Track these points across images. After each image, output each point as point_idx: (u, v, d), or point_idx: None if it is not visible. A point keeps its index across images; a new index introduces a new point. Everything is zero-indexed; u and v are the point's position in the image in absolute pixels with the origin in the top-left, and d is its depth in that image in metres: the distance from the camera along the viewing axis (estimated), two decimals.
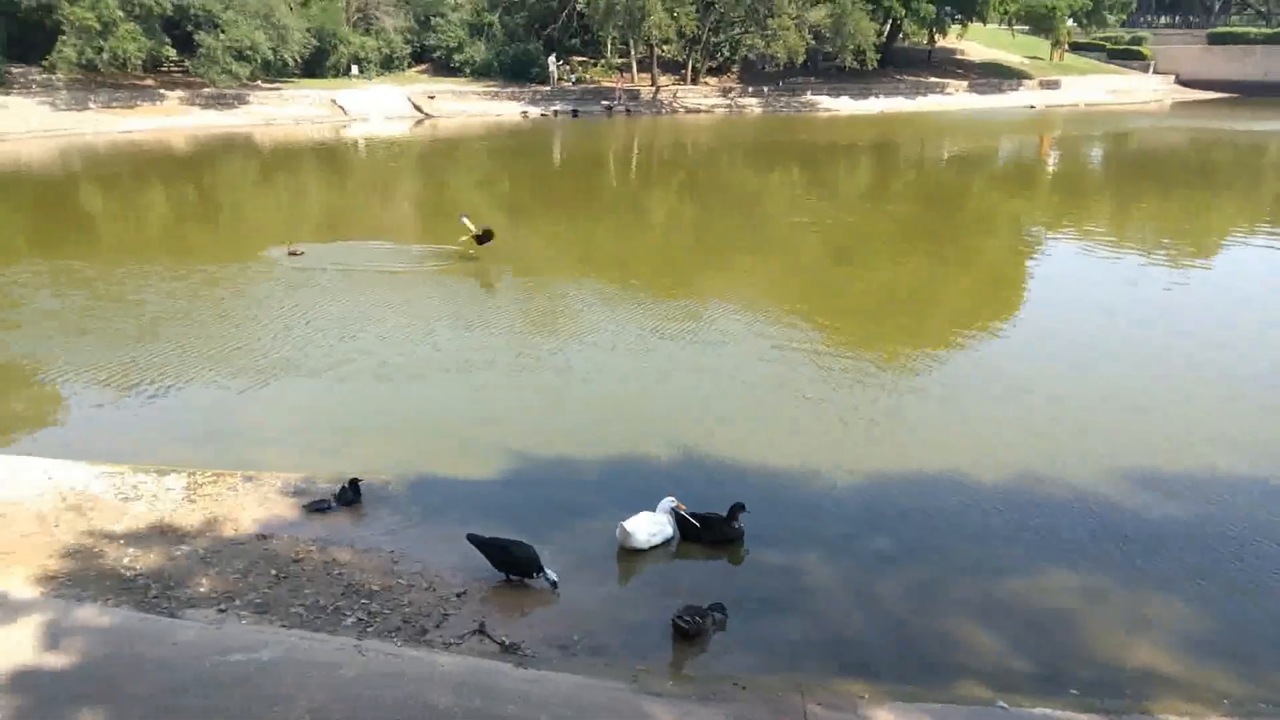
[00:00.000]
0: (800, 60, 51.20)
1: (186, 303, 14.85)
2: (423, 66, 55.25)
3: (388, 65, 53.28)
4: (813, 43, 51.18)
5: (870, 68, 52.71)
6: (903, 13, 54.69)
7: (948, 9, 57.82)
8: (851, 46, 50.76)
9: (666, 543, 7.66)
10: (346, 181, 31.08)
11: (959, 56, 67.12)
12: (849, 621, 6.84)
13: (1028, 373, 12.03)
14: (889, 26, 58.56)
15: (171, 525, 7.59)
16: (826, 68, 56.70)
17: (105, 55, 39.56)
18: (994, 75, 63.66)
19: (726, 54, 56.50)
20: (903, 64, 62.01)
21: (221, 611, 6.39)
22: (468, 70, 52.66)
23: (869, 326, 14.38)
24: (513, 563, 7.04)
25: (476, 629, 6.50)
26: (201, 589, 6.71)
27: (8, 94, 40.17)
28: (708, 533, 7.66)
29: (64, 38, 38.90)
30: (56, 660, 5.35)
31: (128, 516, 7.68)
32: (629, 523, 7.46)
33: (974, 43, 67.93)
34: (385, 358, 12.27)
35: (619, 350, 12.83)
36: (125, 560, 6.99)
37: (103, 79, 41.73)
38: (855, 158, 37.26)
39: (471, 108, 48.01)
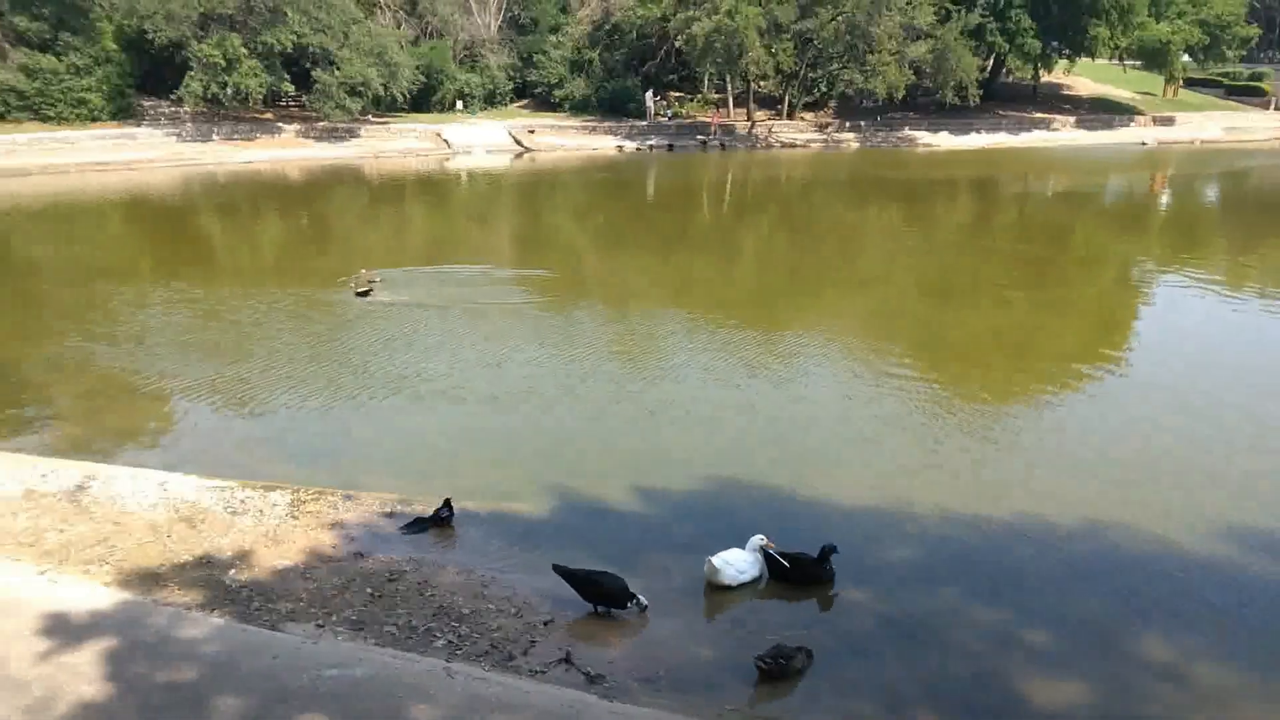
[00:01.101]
0: (900, 96, 50.58)
1: (291, 325, 15.49)
2: (524, 102, 56.74)
3: (491, 100, 54.91)
4: (913, 78, 50.52)
5: (972, 103, 51.70)
6: (1007, 48, 53.53)
7: (1054, 44, 56.35)
8: (953, 82, 49.90)
9: (755, 581, 7.55)
10: (447, 211, 32.04)
11: (1066, 92, 65.23)
12: (937, 669, 6.63)
13: (1131, 422, 11.51)
14: (992, 62, 57.41)
15: (275, 540, 7.87)
16: (926, 103, 55.86)
17: (229, 90, 41.91)
18: (1103, 111, 61.61)
19: (823, 89, 56.25)
20: (1006, 99, 60.61)
21: (319, 627, 6.58)
22: (567, 105, 53.83)
23: (967, 367, 14.00)
24: (604, 594, 7.05)
25: (563, 658, 6.52)
26: (301, 603, 6.92)
27: (138, 125, 42.94)
28: (797, 573, 7.53)
29: (192, 73, 41.38)
30: (165, 665, 5.58)
31: (234, 530, 8.00)
32: (717, 558, 7.40)
33: (1083, 78, 65.94)
34: (479, 385, 12.52)
35: (709, 384, 12.79)
36: (231, 572, 7.28)
37: (225, 112, 44.19)
38: (955, 194, 36.50)
39: (569, 142, 48.97)
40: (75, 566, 7.17)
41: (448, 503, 8.47)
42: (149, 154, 39.99)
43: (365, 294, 16.87)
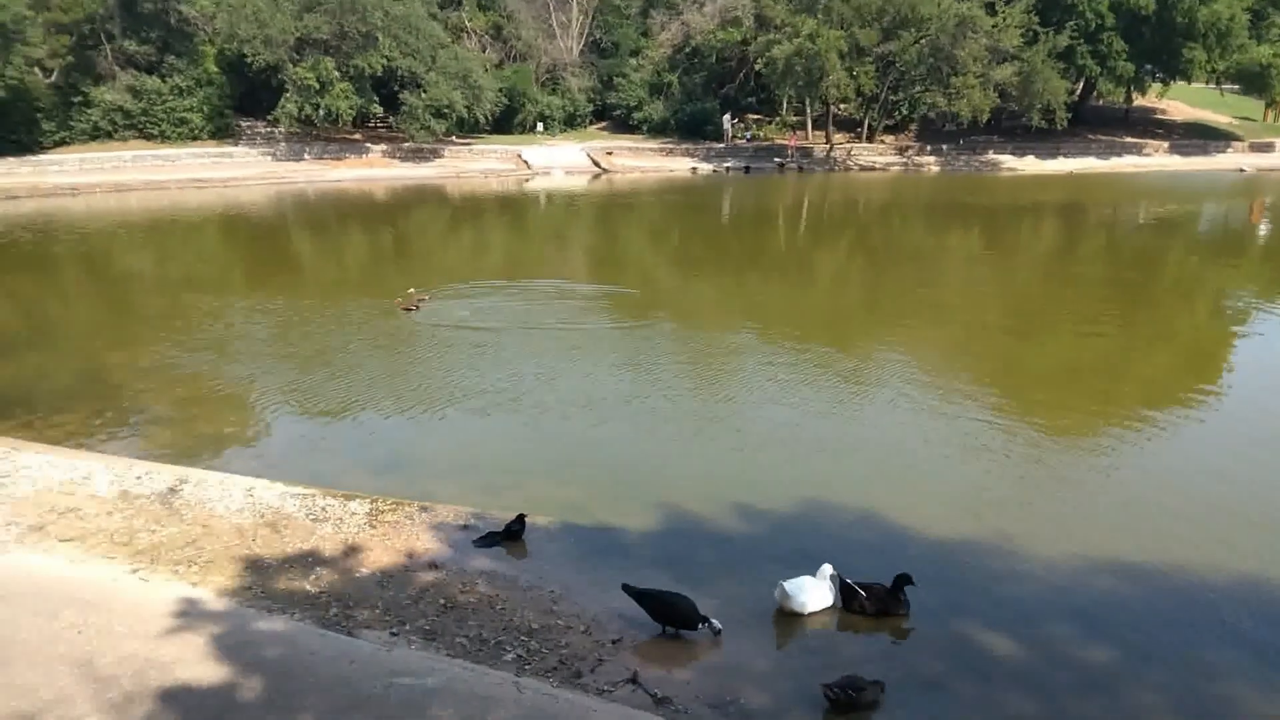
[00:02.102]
0: (984, 119, 49.65)
1: (368, 338, 15.89)
2: (603, 124, 57.49)
3: (570, 122, 55.80)
4: (998, 101, 49.55)
5: (1060, 127, 50.42)
6: (1098, 71, 52.06)
7: (1148, 67, 54.65)
8: (1040, 105, 48.77)
9: (827, 609, 7.43)
10: (524, 230, 32.56)
11: (1159, 116, 63.12)
12: (1014, 711, 6.40)
13: (1219, 461, 11.00)
14: (1082, 84, 55.97)
15: (353, 548, 8.06)
16: (1011, 126, 54.69)
17: (321, 111, 43.52)
18: (1198, 136, 59.37)
19: (905, 112, 55.60)
20: (1096, 123, 58.94)
21: (394, 635, 6.70)
22: (645, 128, 54.34)
23: (1049, 398, 13.56)
24: (674, 615, 7.02)
25: (630, 678, 6.50)
26: (376, 611, 7.07)
27: (235, 144, 44.89)
28: (871, 603, 7.38)
29: (287, 95, 43.10)
30: (246, 665, 5.75)
31: (315, 536, 8.22)
32: (790, 585, 7.30)
33: (1177, 102, 63.75)
34: (552, 401, 12.66)
35: (783, 408, 12.69)
36: (311, 577, 7.48)
37: (317, 133, 45.88)
38: (1040, 219, 35.56)
39: (646, 163, 49.37)
40: (166, 566, 7.46)
41: (521, 518, 8.56)
42: (244, 172, 41.73)
43: (410, 310, 17.28)
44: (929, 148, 54.33)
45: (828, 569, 7.46)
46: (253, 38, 41.70)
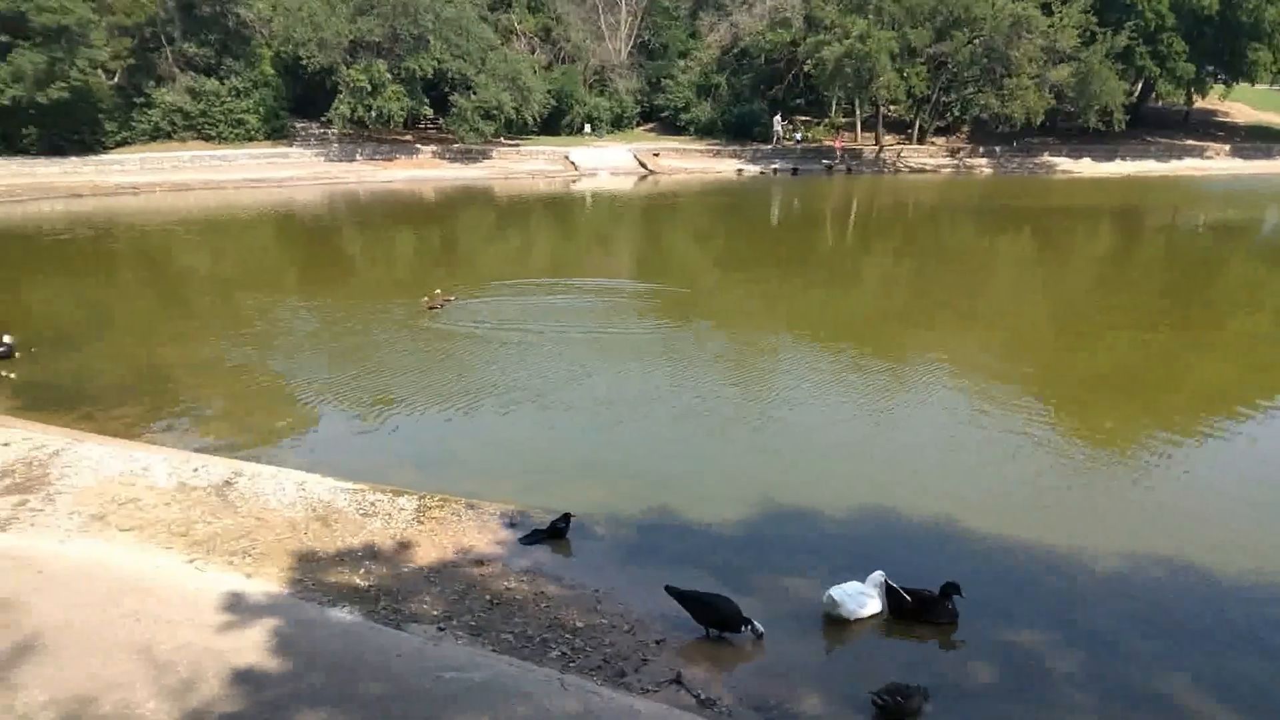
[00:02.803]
0: (1039, 120, 48.73)
1: (414, 336, 16.06)
2: (650, 125, 57.56)
3: (617, 124, 55.95)
4: (1053, 102, 48.60)
5: (1117, 129, 49.29)
6: (1157, 72, 50.78)
7: (1209, 68, 53.19)
8: (1097, 106, 47.73)
9: (874, 616, 7.35)
10: (569, 230, 32.72)
11: (1221, 119, 61.41)
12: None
13: (1277, 472, 10.67)
14: (1140, 86, 54.66)
15: (402, 543, 8.16)
16: (1067, 128, 53.62)
17: (373, 113, 44.19)
18: (1261, 139, 57.62)
19: (957, 113, 54.80)
20: (1154, 125, 57.52)
21: (440, 630, 6.78)
22: (692, 129, 54.28)
23: (1102, 405, 13.26)
24: (717, 617, 7.00)
25: (674, 679, 6.50)
26: (424, 606, 7.15)
27: (290, 145, 45.76)
28: (918, 609, 7.28)
29: (340, 96, 43.84)
30: (299, 656, 5.86)
31: (365, 531, 8.35)
32: (837, 591, 7.24)
33: (1240, 104, 61.96)
34: (594, 401, 12.71)
35: (828, 411, 12.59)
36: (361, 571, 7.59)
37: (369, 134, 46.59)
38: (1095, 223, 34.82)
39: (693, 165, 49.30)
40: (221, 557, 7.63)
41: (566, 516, 8.61)
42: (298, 172, 42.51)
43: (435, 309, 17.45)
44: (981, 150, 53.51)
45: (878, 576, 7.38)
46: (308, 40, 42.47)
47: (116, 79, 42.24)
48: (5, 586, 6.45)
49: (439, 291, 18.12)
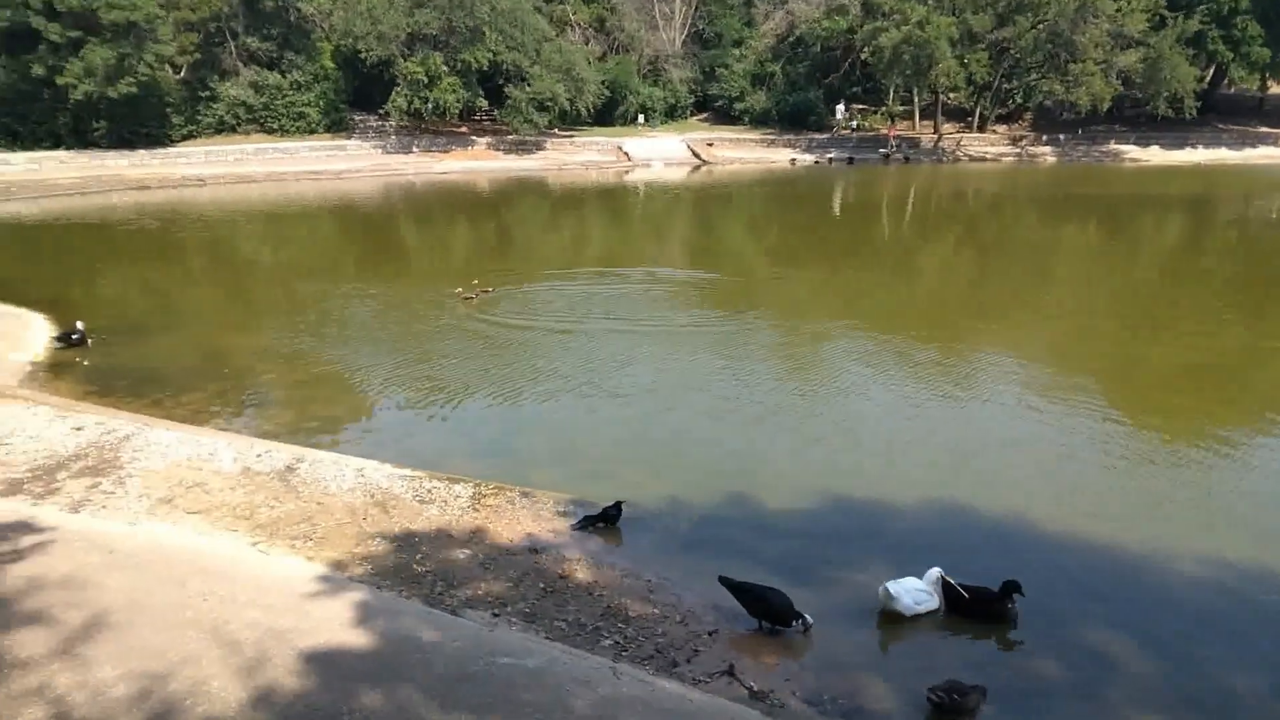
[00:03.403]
0: (1105, 107, 47.37)
1: (466, 325, 16.22)
2: (704, 115, 57.33)
3: (671, 114, 55.84)
4: (1120, 89, 47.21)
5: (1188, 116, 47.70)
6: (1230, 56, 48.97)
7: None
8: (1166, 93, 46.25)
9: (931, 614, 7.24)
10: (620, 221, 32.76)
11: None
12: None
13: None
14: (1212, 71, 52.80)
15: (458, 530, 8.27)
16: (1135, 115, 52.09)
17: (430, 105, 44.75)
18: None
19: (1019, 100, 53.56)
20: (1226, 112, 55.55)
21: (495, 616, 6.85)
22: (747, 118, 53.93)
23: (1169, 399, 12.87)
24: (769, 611, 6.97)
25: (726, 670, 6.48)
26: (479, 592, 7.24)
27: (349, 137, 46.59)
28: (977, 607, 7.15)
29: (398, 89, 44.49)
30: (358, 639, 5.97)
31: (421, 518, 8.47)
32: (894, 585, 7.14)
33: None
34: (645, 391, 12.72)
35: (883, 404, 12.42)
36: (418, 557, 7.71)
37: (425, 126, 47.20)
38: (1164, 212, 33.76)
39: (748, 154, 48.98)
40: (283, 540, 7.81)
41: (619, 505, 8.63)
42: (357, 164, 43.28)
43: (470, 300, 17.56)
44: (1045, 138, 52.28)
45: (935, 572, 7.26)
46: (366, 34, 43.15)
47: (183, 73, 43.41)
48: (80, 566, 6.68)
49: (476, 283, 18.30)
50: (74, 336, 14.59)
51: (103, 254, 24.54)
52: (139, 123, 41.96)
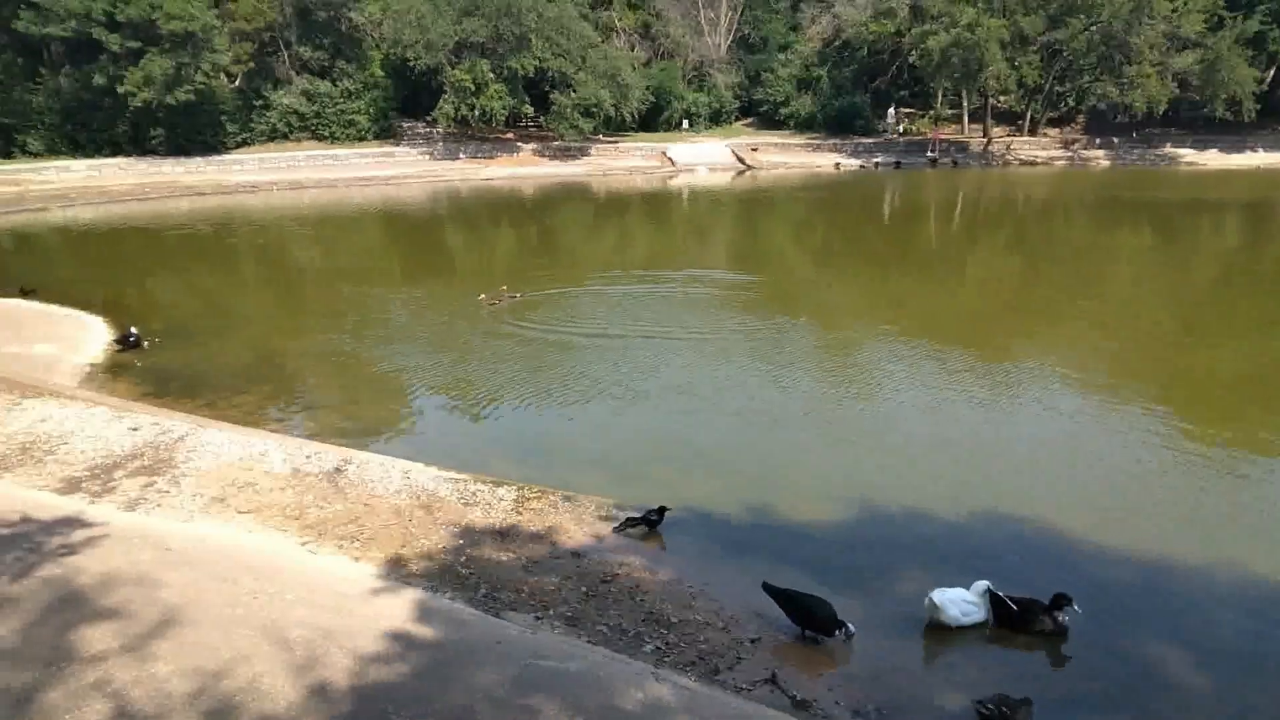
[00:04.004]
0: (1160, 110, 46.33)
1: (507, 329, 16.33)
2: (749, 120, 57.20)
3: (716, 119, 55.81)
4: (1177, 91, 46.13)
5: (1247, 118, 46.44)
6: None
7: None
8: (1225, 95, 45.08)
9: (979, 625, 7.12)
10: (664, 226, 32.78)
11: None
12: None
13: None
14: (1272, 73, 51.37)
15: (501, 532, 8.34)
16: (1192, 118, 50.82)
17: (476, 112, 45.27)
18: None
19: (1071, 103, 52.61)
20: None
21: (538, 619, 6.89)
22: (792, 123, 53.70)
23: (1225, 408, 12.52)
24: (812, 619, 6.91)
25: (769, 678, 6.44)
26: (521, 595, 7.28)
27: (397, 144, 47.31)
28: (1025, 620, 7.02)
29: (445, 96, 45.09)
30: (403, 640, 6.04)
31: (465, 520, 8.55)
32: (940, 596, 7.04)
33: None
34: (685, 396, 12.70)
35: (929, 412, 12.24)
36: (462, 559, 7.78)
37: (472, 132, 47.75)
38: (1222, 217, 32.89)
39: (792, 159, 48.76)
40: (331, 541, 7.94)
41: (661, 509, 8.63)
42: (404, 170, 43.92)
43: (494, 304, 17.66)
44: (1098, 141, 51.27)
45: (982, 584, 7.14)
46: (415, 42, 43.82)
47: (237, 82, 44.47)
48: (136, 563, 6.86)
49: (504, 288, 18.42)
50: (130, 339, 15.00)
51: (158, 258, 25.20)
52: (195, 130, 43.05)
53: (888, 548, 8.55)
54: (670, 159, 47.94)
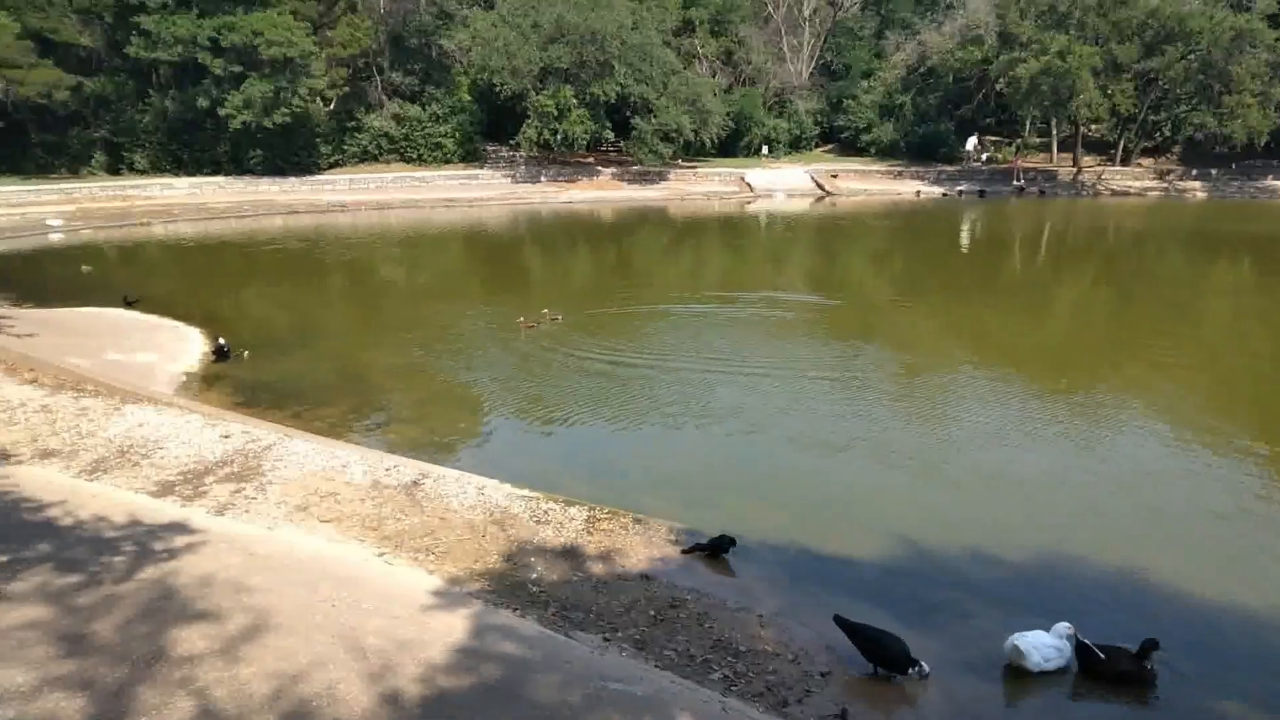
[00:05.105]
0: (1262, 141, 44.47)
1: (583, 349, 16.45)
2: (829, 146, 56.86)
3: (795, 145, 55.64)
4: (1279, 122, 44.24)
5: None
6: None
7: None
8: None
9: (1060, 671, 6.86)
10: (739, 250, 32.71)
11: None
12: None
13: None
14: None
15: (571, 552, 8.39)
16: None
17: (558, 136, 46.05)
18: None
19: (1167, 133, 50.89)
20: None
21: (606, 640, 6.90)
22: (873, 150, 53.19)
23: None
24: (885, 657, 6.76)
25: (839, 714, 6.32)
26: (590, 615, 7.31)
27: (481, 167, 48.39)
28: (1112, 668, 6.74)
29: (529, 121, 45.98)
30: (474, 654, 6.12)
31: (537, 538, 8.64)
32: (1021, 639, 6.81)
33: None
34: (758, 423, 12.60)
35: (1014, 445, 11.91)
36: (533, 576, 7.86)
37: (553, 156, 48.55)
38: None
39: (873, 186, 48.25)
40: (407, 553, 8.10)
41: (731, 538, 8.57)
42: (487, 193, 44.89)
43: (532, 328, 17.83)
44: (1194, 172, 49.45)
45: (1064, 627, 6.89)
46: (502, 68, 44.85)
47: (332, 106, 46.16)
48: (223, 566, 7.11)
49: (545, 311, 18.58)
50: (223, 350, 15.63)
51: (252, 273, 26.24)
52: (291, 151, 44.81)
53: (963, 584, 8.32)
54: (748, 184, 47.92)
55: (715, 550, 8.55)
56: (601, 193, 46.46)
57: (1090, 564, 8.68)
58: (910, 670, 6.68)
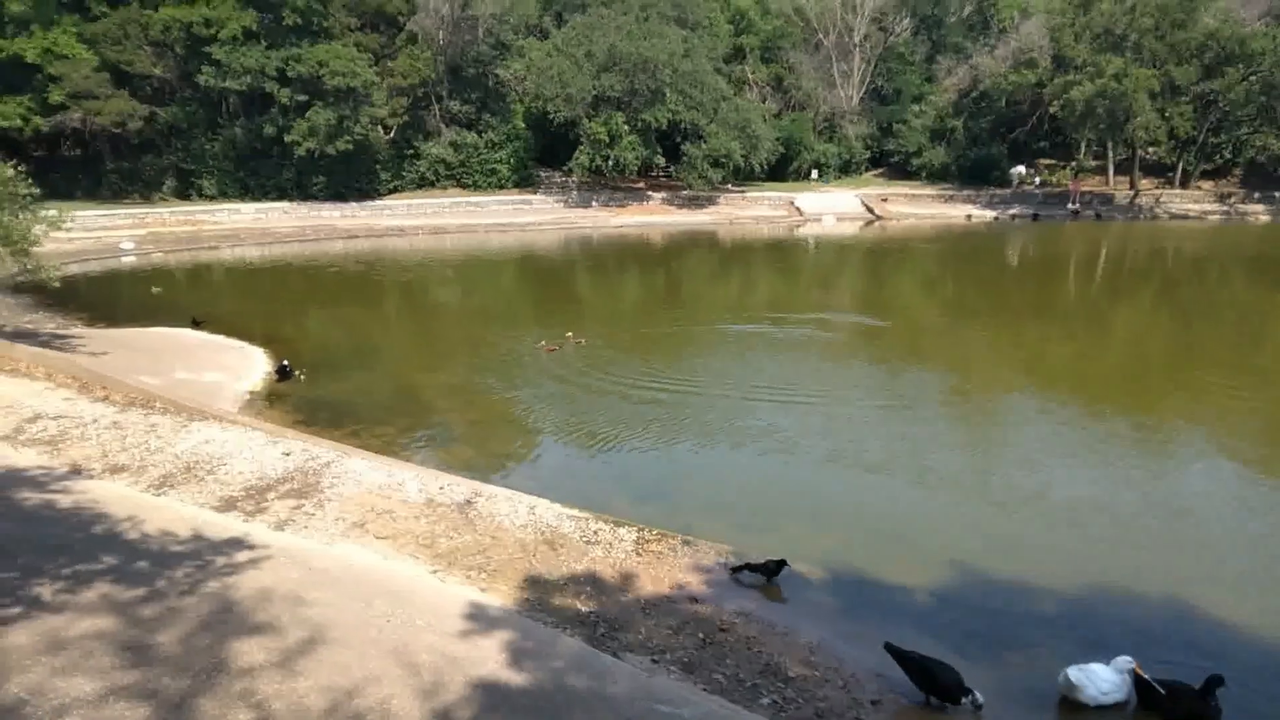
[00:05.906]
0: None
1: (632, 371, 16.55)
2: (879, 170, 56.56)
3: (845, 169, 55.47)
4: None
5: None
6: None
7: None
8: None
9: (1119, 705, 6.72)
10: (788, 274, 32.64)
11: None
12: None
13: None
14: None
15: (621, 573, 8.46)
16: None
17: (610, 162, 46.55)
18: None
19: (1228, 155, 49.69)
20: None
21: (654, 662, 6.95)
22: (924, 174, 52.77)
23: None
24: (938, 686, 6.69)
25: None
26: (639, 637, 7.37)
27: (534, 193, 49.07)
28: (1174, 705, 6.58)
29: (581, 147, 46.56)
30: (525, 673, 6.21)
31: (587, 558, 8.73)
32: (1077, 672, 6.69)
33: None
34: (810, 446, 12.57)
35: (1072, 473, 11.70)
36: (582, 596, 7.94)
37: (605, 181, 49.05)
38: None
39: (924, 210, 47.83)
40: (460, 570, 8.25)
41: (782, 561, 8.57)
42: (540, 218, 45.49)
43: (553, 350, 17.96)
44: (1257, 195, 48.15)
45: (1124, 660, 6.76)
46: (555, 96, 45.54)
47: (392, 134, 47.29)
48: (282, 580, 7.32)
49: (569, 334, 18.72)
50: (286, 370, 16.09)
51: (313, 295, 26.92)
52: (352, 178, 45.96)
53: (1018, 615, 8.21)
54: (798, 208, 47.85)
55: (766, 573, 8.55)
56: (652, 217, 46.77)
57: (1156, 596, 8.49)
58: (963, 700, 6.61)
